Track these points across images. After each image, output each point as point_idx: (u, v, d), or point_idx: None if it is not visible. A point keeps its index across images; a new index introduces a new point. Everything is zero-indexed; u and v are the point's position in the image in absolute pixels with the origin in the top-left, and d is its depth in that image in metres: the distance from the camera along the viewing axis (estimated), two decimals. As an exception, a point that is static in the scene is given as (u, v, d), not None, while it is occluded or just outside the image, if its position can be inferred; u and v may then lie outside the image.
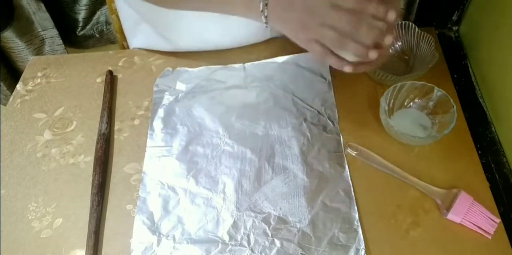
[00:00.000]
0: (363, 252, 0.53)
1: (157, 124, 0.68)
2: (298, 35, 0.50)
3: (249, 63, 0.74)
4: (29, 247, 0.58)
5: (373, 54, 0.46)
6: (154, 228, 0.57)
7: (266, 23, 0.51)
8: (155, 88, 0.73)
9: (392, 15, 0.45)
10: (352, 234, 0.54)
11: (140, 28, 0.78)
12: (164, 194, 0.60)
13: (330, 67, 0.72)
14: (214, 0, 0.56)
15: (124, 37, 0.94)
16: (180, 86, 0.72)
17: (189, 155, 0.64)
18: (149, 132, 0.67)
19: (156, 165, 0.63)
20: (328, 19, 0.45)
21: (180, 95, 0.71)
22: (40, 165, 0.66)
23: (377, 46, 0.47)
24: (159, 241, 0.56)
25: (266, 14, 0.50)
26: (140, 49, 0.80)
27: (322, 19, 0.45)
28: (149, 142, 0.66)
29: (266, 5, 0.49)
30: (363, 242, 0.53)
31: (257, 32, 0.75)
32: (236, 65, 0.74)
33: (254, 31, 0.75)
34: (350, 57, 0.49)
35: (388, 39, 0.46)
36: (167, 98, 0.71)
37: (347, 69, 0.48)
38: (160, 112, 0.69)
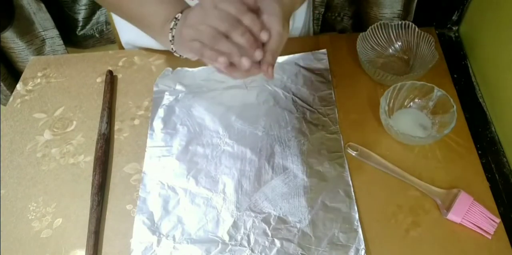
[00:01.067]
0: (363, 252, 0.53)
1: (157, 124, 0.68)
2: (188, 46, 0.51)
3: None
4: (29, 247, 0.58)
5: (245, 62, 0.46)
6: (154, 228, 0.57)
7: (173, 49, 0.55)
8: (155, 88, 0.73)
9: (264, 36, 0.46)
10: (352, 234, 0.54)
11: (127, 23, 0.77)
12: (164, 194, 0.60)
13: (330, 67, 0.72)
14: (135, 20, 0.59)
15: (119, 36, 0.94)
16: (180, 86, 0.72)
17: (189, 155, 0.64)
18: (149, 132, 0.67)
19: (156, 165, 0.63)
20: (208, 18, 0.46)
21: (180, 95, 0.71)
22: (40, 165, 0.66)
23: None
24: (159, 241, 0.56)
25: (173, 37, 0.54)
26: (140, 49, 0.80)
27: (203, 18, 0.47)
28: (149, 142, 0.66)
29: (173, 36, 0.53)
30: (363, 242, 0.53)
31: None
32: None
33: None
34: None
35: (257, 54, 0.46)
36: (167, 98, 0.71)
37: (221, 60, 0.47)
38: (160, 112, 0.69)
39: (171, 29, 0.53)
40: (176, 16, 0.53)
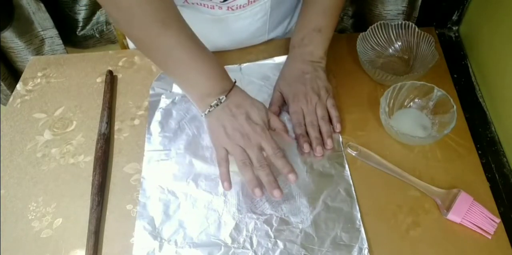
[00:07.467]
0: (366, 251, 0.53)
1: (155, 127, 0.67)
2: (218, 139, 0.58)
3: (245, 64, 0.74)
4: (29, 247, 0.57)
5: (258, 193, 0.55)
6: (155, 233, 0.56)
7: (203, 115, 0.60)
8: (151, 92, 0.72)
9: (292, 177, 0.56)
10: (355, 234, 0.54)
11: None
12: (164, 198, 0.59)
13: (330, 67, 0.72)
14: (178, 80, 0.62)
15: (124, 36, 0.94)
16: (177, 89, 0.71)
17: (188, 158, 0.63)
18: (146, 136, 0.66)
19: (155, 169, 0.63)
20: (254, 140, 0.55)
21: (176, 97, 0.70)
22: (40, 165, 0.66)
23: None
24: (161, 246, 0.55)
25: (209, 112, 0.59)
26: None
27: (251, 138, 0.56)
28: (147, 146, 0.65)
29: (209, 110, 0.58)
30: (366, 241, 0.53)
31: (256, 34, 0.75)
32: (232, 66, 0.74)
33: (253, 33, 0.75)
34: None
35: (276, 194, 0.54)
36: (164, 101, 0.70)
37: (257, 192, 0.55)
38: (157, 116, 0.68)
39: (210, 106, 0.57)
40: (220, 98, 0.57)
